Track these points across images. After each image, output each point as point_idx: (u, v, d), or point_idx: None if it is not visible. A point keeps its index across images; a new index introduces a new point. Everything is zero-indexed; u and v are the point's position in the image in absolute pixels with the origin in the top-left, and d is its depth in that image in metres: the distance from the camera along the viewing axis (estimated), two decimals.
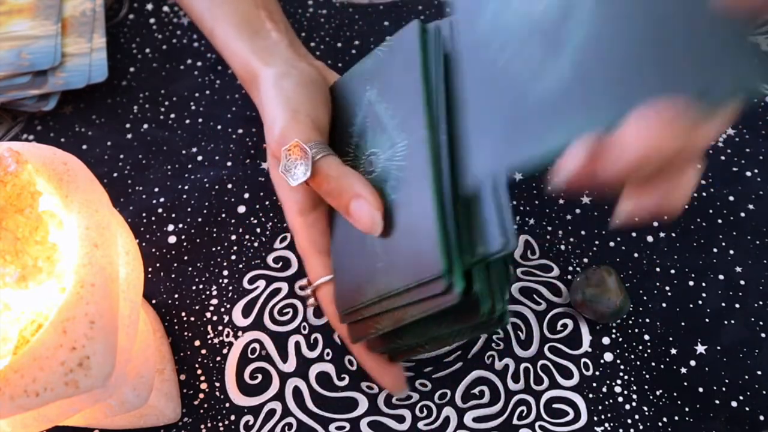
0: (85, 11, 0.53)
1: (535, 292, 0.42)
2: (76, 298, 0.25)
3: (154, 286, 0.43)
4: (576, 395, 0.39)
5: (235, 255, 0.44)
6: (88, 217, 0.27)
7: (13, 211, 0.26)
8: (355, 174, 0.34)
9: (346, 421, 0.38)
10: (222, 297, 0.42)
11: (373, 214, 0.32)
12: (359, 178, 0.33)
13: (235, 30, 0.41)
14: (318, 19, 0.54)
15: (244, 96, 0.50)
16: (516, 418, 0.38)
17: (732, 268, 0.43)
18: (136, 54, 0.53)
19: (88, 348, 0.24)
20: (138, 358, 0.32)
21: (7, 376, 0.24)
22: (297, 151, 0.34)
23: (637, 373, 0.40)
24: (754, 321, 0.41)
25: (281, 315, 0.42)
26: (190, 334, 0.41)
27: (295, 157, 0.34)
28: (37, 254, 0.26)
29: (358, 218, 0.33)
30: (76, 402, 0.27)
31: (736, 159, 0.47)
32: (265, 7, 0.42)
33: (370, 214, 0.32)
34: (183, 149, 0.48)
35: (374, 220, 0.32)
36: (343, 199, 0.33)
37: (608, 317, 0.40)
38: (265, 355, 0.40)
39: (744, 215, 0.45)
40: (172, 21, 0.55)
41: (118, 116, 0.50)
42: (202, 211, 0.45)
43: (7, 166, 0.26)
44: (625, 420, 0.38)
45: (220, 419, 0.39)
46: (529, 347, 0.40)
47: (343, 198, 0.33)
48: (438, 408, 0.39)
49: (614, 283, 0.39)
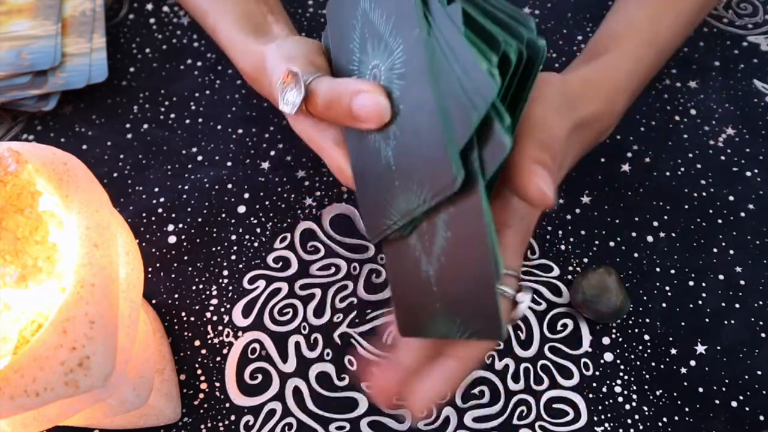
0: (85, 11, 0.53)
1: (535, 292, 0.42)
2: (76, 298, 0.25)
3: (154, 286, 0.43)
4: (576, 395, 0.39)
5: (235, 255, 0.44)
6: (88, 217, 0.27)
7: (13, 211, 0.26)
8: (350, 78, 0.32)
9: (346, 421, 0.38)
10: (222, 297, 0.42)
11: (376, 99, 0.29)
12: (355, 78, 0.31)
13: (237, 25, 0.41)
14: (318, 19, 0.54)
15: (244, 96, 0.50)
16: (516, 418, 0.38)
17: (732, 268, 0.43)
18: (136, 54, 0.53)
19: (88, 348, 0.24)
20: (138, 358, 0.32)
21: (7, 376, 0.24)
22: (289, 78, 0.33)
23: (637, 373, 0.40)
24: (754, 321, 0.41)
25: (281, 315, 0.42)
26: (190, 334, 0.41)
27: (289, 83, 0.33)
28: (37, 254, 0.26)
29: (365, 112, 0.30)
30: (76, 402, 0.27)
31: (736, 159, 0.47)
32: (265, 2, 0.43)
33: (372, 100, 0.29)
34: (183, 149, 0.48)
35: (379, 104, 0.29)
36: (342, 104, 0.30)
37: (608, 317, 0.40)
38: (265, 355, 0.40)
39: (744, 215, 0.45)
40: (172, 21, 0.55)
41: (118, 116, 0.50)
42: (202, 211, 0.45)
43: (7, 166, 0.26)
44: (625, 420, 0.38)
45: (220, 419, 0.39)
46: (529, 347, 0.40)
47: (343, 102, 0.30)
48: (438, 408, 0.39)
49: (614, 283, 0.39)
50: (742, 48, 0.52)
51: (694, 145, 0.48)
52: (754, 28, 0.54)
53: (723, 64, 0.52)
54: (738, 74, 0.51)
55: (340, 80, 0.32)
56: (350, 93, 0.30)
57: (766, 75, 0.51)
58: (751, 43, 0.53)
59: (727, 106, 0.49)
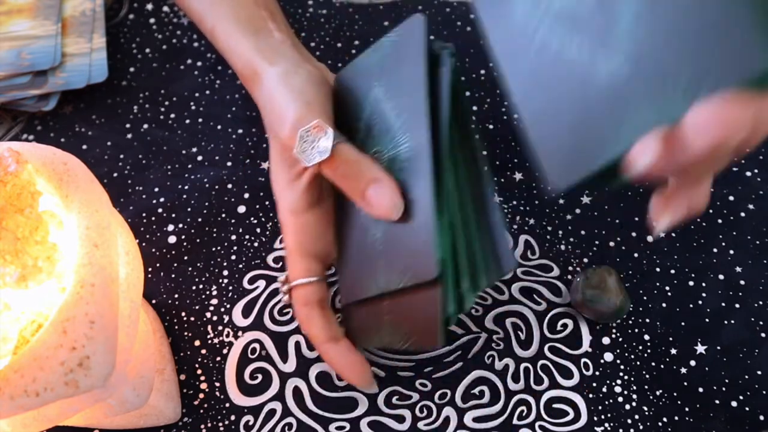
0: (85, 11, 0.53)
1: (535, 292, 0.42)
2: (76, 298, 0.25)
3: (154, 286, 0.43)
4: (576, 395, 0.39)
5: (235, 255, 0.44)
6: (88, 217, 0.27)
7: (13, 211, 0.26)
8: (373, 160, 0.34)
9: (346, 421, 0.38)
10: (222, 297, 0.42)
11: (393, 196, 0.32)
12: (376, 163, 0.33)
13: (236, 28, 0.41)
14: (318, 19, 0.54)
15: (244, 96, 0.50)
16: (516, 418, 0.38)
17: (732, 268, 0.43)
18: (136, 54, 0.53)
19: (88, 348, 0.24)
20: (138, 358, 0.32)
21: (7, 376, 0.24)
22: (317, 131, 0.34)
23: (637, 373, 0.40)
24: (754, 321, 0.41)
25: (281, 315, 0.42)
26: (190, 334, 0.41)
27: (315, 136, 0.34)
28: (37, 254, 0.26)
29: (377, 203, 0.33)
30: (76, 402, 0.27)
31: (736, 159, 0.47)
32: (266, 7, 0.42)
33: (390, 196, 0.32)
34: (183, 149, 0.48)
35: (395, 203, 0.32)
36: (360, 183, 0.33)
37: (608, 317, 0.40)
38: (265, 355, 0.40)
39: (744, 215, 0.45)
40: (172, 21, 0.55)
41: (118, 116, 0.50)
42: (202, 211, 0.45)
43: (7, 166, 0.26)
44: (625, 420, 0.38)
45: (220, 419, 0.39)
46: (529, 347, 0.40)
47: (362, 181, 0.33)
48: (438, 408, 0.39)
49: (614, 283, 0.39)
50: None
51: None
52: None
53: None
54: None
55: (366, 159, 0.34)
56: (371, 178, 0.33)
57: None
58: None
59: None
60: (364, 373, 0.37)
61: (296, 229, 0.38)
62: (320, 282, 0.37)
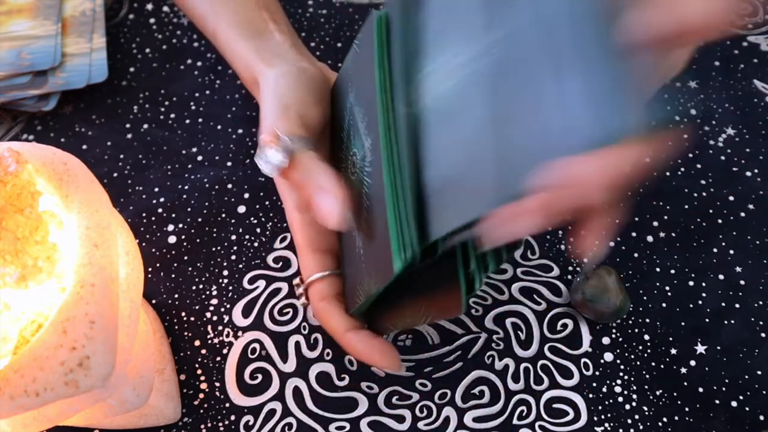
0: (85, 11, 0.53)
1: (535, 292, 0.42)
2: (76, 298, 0.25)
3: (154, 286, 0.43)
4: (576, 395, 0.39)
5: (235, 255, 0.44)
6: (88, 217, 0.27)
7: (13, 211, 0.26)
8: (324, 168, 0.33)
9: (346, 421, 0.38)
10: (222, 297, 0.42)
11: (336, 206, 0.31)
12: (327, 172, 0.32)
13: (237, 31, 0.41)
14: (318, 19, 0.54)
15: (244, 96, 0.50)
16: (516, 418, 0.38)
17: (732, 268, 0.43)
18: (136, 54, 0.53)
19: (88, 348, 0.24)
20: (138, 358, 0.32)
21: (7, 376, 0.24)
22: (276, 141, 0.33)
23: (637, 373, 0.40)
24: (754, 321, 0.41)
25: (281, 315, 0.42)
26: (190, 334, 0.41)
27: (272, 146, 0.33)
28: (37, 254, 0.26)
29: (320, 212, 0.32)
30: (76, 402, 0.27)
31: (736, 159, 0.47)
32: (267, 9, 0.42)
33: (333, 206, 0.31)
34: (183, 149, 0.48)
35: (338, 212, 0.31)
36: (305, 191, 0.32)
37: (608, 317, 0.40)
38: (265, 355, 0.40)
39: (744, 215, 0.45)
40: (172, 21, 0.55)
41: (118, 116, 0.50)
42: (202, 211, 0.45)
43: (7, 166, 0.26)
44: (625, 420, 0.38)
45: (220, 419, 0.39)
46: (529, 347, 0.40)
47: (306, 190, 0.32)
48: (438, 408, 0.39)
49: (614, 283, 0.39)
50: (742, 48, 0.52)
51: (694, 145, 0.48)
52: (754, 28, 0.54)
53: (723, 64, 0.52)
54: (738, 74, 0.51)
55: (316, 167, 0.33)
56: (314, 186, 0.32)
57: (766, 75, 0.51)
58: (751, 43, 0.53)
59: (727, 106, 0.49)
60: (393, 355, 0.36)
61: (303, 225, 0.37)
62: (334, 275, 0.37)
